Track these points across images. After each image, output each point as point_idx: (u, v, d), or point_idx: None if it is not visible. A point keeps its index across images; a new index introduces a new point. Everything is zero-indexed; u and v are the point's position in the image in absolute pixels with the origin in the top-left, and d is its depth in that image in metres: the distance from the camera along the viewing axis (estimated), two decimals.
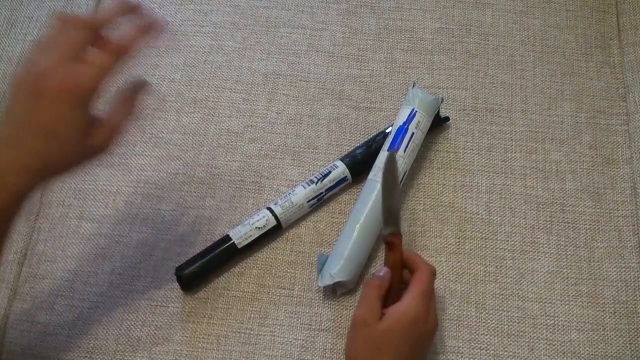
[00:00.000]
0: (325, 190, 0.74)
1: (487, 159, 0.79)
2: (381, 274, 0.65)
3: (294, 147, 0.80)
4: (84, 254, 0.74)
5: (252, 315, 0.71)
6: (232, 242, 0.71)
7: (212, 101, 0.83)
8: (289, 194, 0.73)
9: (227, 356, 0.69)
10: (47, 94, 0.50)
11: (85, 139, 0.53)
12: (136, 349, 0.69)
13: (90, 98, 0.52)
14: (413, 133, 0.73)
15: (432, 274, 0.64)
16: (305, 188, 0.73)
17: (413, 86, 0.76)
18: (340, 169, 0.74)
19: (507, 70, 0.84)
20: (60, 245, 0.75)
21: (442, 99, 0.77)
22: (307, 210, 0.74)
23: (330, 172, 0.74)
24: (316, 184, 0.73)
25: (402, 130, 0.73)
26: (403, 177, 0.73)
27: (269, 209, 0.73)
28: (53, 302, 0.72)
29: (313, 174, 0.74)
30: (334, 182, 0.74)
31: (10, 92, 0.52)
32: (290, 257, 0.74)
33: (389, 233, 0.66)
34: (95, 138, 0.54)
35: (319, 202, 0.74)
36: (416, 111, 0.73)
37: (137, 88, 0.57)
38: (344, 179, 0.75)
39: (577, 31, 0.87)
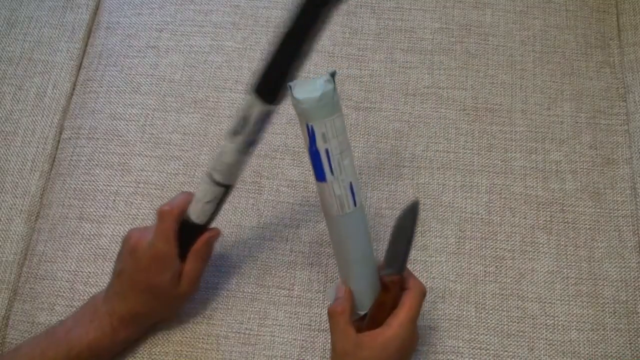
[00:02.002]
0: (256, 134, 0.60)
1: (487, 159, 0.79)
2: (340, 295, 0.61)
3: (294, 147, 0.80)
4: (84, 255, 0.75)
5: (251, 316, 0.71)
6: (192, 221, 0.65)
7: (212, 101, 0.83)
8: (220, 154, 0.62)
9: (226, 356, 0.69)
10: (141, 264, 0.63)
11: (176, 289, 0.64)
12: (136, 349, 0.69)
13: (170, 259, 0.63)
14: (327, 150, 0.54)
15: (423, 295, 0.60)
16: (232, 142, 0.60)
17: (290, 88, 0.55)
18: (254, 103, 0.59)
19: (507, 70, 0.84)
20: (61, 245, 0.75)
21: (333, 74, 0.56)
22: (249, 158, 0.62)
23: (247, 114, 0.59)
24: (241, 133, 0.60)
25: (315, 153, 0.55)
26: (352, 194, 0.57)
27: (208, 176, 0.63)
28: (53, 303, 0.72)
29: (234, 122, 0.61)
30: (259, 122, 0.59)
31: (122, 248, 0.65)
32: (290, 257, 0.74)
33: (389, 274, 0.60)
34: (182, 286, 0.64)
35: (255, 145, 0.61)
36: (311, 126, 0.54)
37: (211, 239, 0.66)
38: (267, 114, 0.59)
39: (577, 31, 0.87)
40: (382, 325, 0.59)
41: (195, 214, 0.64)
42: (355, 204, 0.57)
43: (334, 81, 0.55)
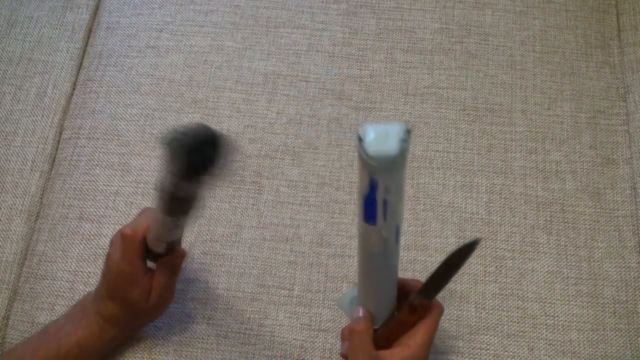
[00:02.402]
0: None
1: (487, 159, 0.79)
2: (360, 314, 0.60)
3: (294, 147, 0.80)
4: (84, 255, 0.75)
5: (251, 316, 0.71)
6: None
7: (212, 101, 0.83)
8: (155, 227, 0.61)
9: (226, 356, 0.69)
10: (109, 278, 0.64)
11: (146, 303, 0.64)
12: (136, 349, 0.69)
13: (134, 276, 0.63)
14: (385, 200, 0.51)
15: (441, 314, 0.60)
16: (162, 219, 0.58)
17: (360, 138, 0.48)
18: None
19: (507, 70, 0.84)
20: (61, 245, 0.75)
21: (409, 131, 0.48)
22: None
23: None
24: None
25: (370, 201, 0.52)
26: (397, 235, 0.55)
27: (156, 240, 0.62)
28: (53, 303, 0.72)
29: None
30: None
31: (104, 265, 0.65)
32: (290, 257, 0.74)
33: (421, 298, 0.59)
34: (152, 299, 0.64)
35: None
36: (377, 180, 0.49)
37: (179, 257, 0.66)
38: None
39: (577, 31, 0.87)
40: (401, 345, 0.59)
41: (155, 246, 0.63)
42: (396, 242, 0.55)
43: (409, 139, 0.49)
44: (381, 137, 0.48)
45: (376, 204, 0.51)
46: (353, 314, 0.61)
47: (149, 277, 0.64)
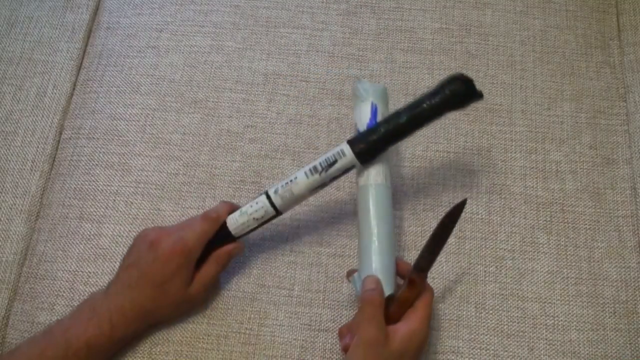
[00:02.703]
0: (330, 180, 0.67)
1: (487, 159, 0.79)
2: (373, 287, 0.62)
3: (294, 147, 0.80)
4: (84, 255, 0.75)
5: (252, 316, 0.71)
6: (227, 230, 0.68)
7: (212, 101, 0.83)
8: (291, 182, 0.66)
9: (227, 356, 0.69)
10: (160, 256, 0.64)
11: (186, 289, 0.65)
12: (136, 349, 0.69)
13: (194, 259, 0.65)
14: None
15: (433, 294, 0.64)
16: (308, 177, 0.66)
17: (358, 81, 0.72)
18: (349, 158, 0.66)
19: (507, 70, 0.84)
20: (61, 245, 0.75)
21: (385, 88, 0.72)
22: (308, 197, 0.68)
23: (336, 160, 0.66)
24: (320, 173, 0.66)
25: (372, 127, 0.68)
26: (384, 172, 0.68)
27: (268, 197, 0.67)
28: (53, 303, 0.72)
29: (318, 159, 0.67)
30: (340, 171, 0.67)
31: (135, 243, 0.66)
32: (290, 257, 0.74)
33: (419, 273, 0.62)
34: (193, 287, 0.66)
35: (321, 189, 0.68)
36: (375, 105, 0.70)
37: (235, 250, 0.68)
38: (350, 168, 0.67)
39: (577, 31, 0.87)
40: (404, 320, 0.62)
41: (236, 225, 0.67)
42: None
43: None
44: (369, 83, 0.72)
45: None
46: (366, 284, 0.62)
47: (196, 267, 0.66)
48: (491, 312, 0.71)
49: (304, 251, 0.74)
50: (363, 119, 0.70)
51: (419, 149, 0.80)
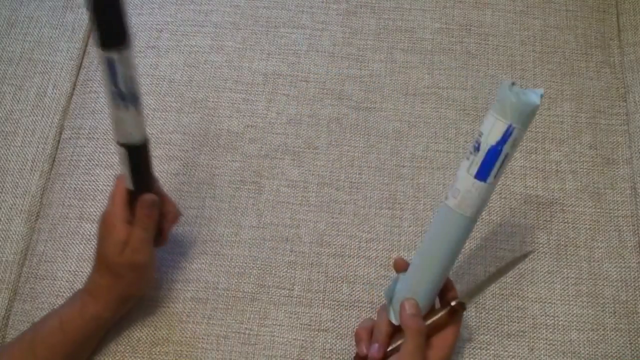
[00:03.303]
0: (118, 84, 0.58)
1: None
2: (415, 311, 0.60)
3: (294, 147, 0.80)
4: (84, 255, 0.75)
5: (251, 316, 0.71)
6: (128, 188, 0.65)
7: (212, 101, 0.83)
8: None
9: (226, 356, 0.69)
10: (99, 232, 0.65)
11: (120, 256, 0.63)
12: (136, 349, 0.69)
13: (114, 224, 0.64)
14: (507, 154, 0.55)
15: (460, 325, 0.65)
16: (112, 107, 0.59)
17: (511, 85, 0.55)
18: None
19: (507, 70, 0.84)
20: (61, 245, 0.75)
21: (542, 95, 0.56)
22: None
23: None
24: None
25: (495, 152, 0.55)
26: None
27: (116, 142, 0.61)
28: (53, 303, 0.72)
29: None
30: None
31: (98, 231, 0.65)
32: (290, 257, 0.74)
33: (463, 305, 0.62)
34: (125, 253, 0.63)
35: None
36: (514, 128, 0.54)
37: (143, 202, 0.64)
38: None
39: (577, 31, 0.87)
40: (435, 347, 0.61)
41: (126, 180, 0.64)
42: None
43: (542, 95, 0.56)
44: (528, 92, 0.55)
45: (498, 157, 0.55)
46: (408, 306, 0.60)
47: (127, 230, 0.63)
48: (491, 312, 0.71)
49: (304, 251, 0.74)
50: (490, 136, 0.55)
51: (419, 149, 0.80)
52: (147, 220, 0.64)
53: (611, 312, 0.71)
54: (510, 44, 0.86)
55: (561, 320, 0.71)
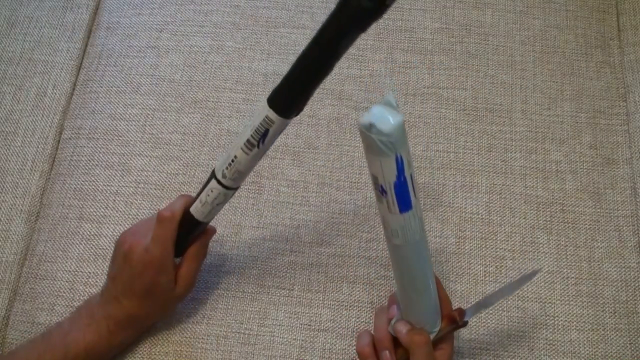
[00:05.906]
0: (270, 145, 0.61)
1: (487, 159, 0.79)
2: (416, 331, 0.60)
3: (294, 147, 0.80)
4: (84, 255, 0.75)
5: (251, 316, 0.71)
6: (197, 219, 0.65)
7: (212, 101, 0.83)
8: (233, 162, 0.62)
9: (226, 356, 0.69)
10: (135, 269, 0.63)
11: (172, 292, 0.65)
12: (136, 349, 0.69)
13: (166, 264, 0.63)
14: (411, 175, 0.53)
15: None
16: (248, 154, 0.61)
17: (369, 127, 0.50)
18: (278, 124, 0.58)
19: (507, 70, 0.84)
20: (61, 245, 0.75)
21: (394, 100, 0.52)
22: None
23: (267, 130, 0.59)
24: (258, 146, 0.60)
25: (400, 184, 0.53)
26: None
27: (220, 183, 0.63)
28: (53, 303, 0.72)
29: (249, 132, 0.60)
30: (276, 136, 0.60)
31: (114, 252, 0.65)
32: (290, 257, 0.74)
33: (462, 319, 0.62)
34: (178, 288, 0.65)
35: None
36: (401, 155, 0.51)
37: (206, 241, 0.67)
38: (284, 128, 0.60)
39: (577, 31, 0.87)
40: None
41: (202, 214, 0.64)
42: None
43: (395, 102, 0.52)
44: (374, 116, 0.50)
45: (407, 184, 0.53)
46: (401, 327, 0.60)
47: (175, 265, 0.64)
48: (491, 312, 0.71)
49: (304, 251, 0.74)
50: (387, 177, 0.53)
51: (419, 149, 0.80)
52: (204, 255, 0.67)
53: (611, 312, 0.71)
54: (510, 44, 0.86)
55: (561, 320, 0.70)
